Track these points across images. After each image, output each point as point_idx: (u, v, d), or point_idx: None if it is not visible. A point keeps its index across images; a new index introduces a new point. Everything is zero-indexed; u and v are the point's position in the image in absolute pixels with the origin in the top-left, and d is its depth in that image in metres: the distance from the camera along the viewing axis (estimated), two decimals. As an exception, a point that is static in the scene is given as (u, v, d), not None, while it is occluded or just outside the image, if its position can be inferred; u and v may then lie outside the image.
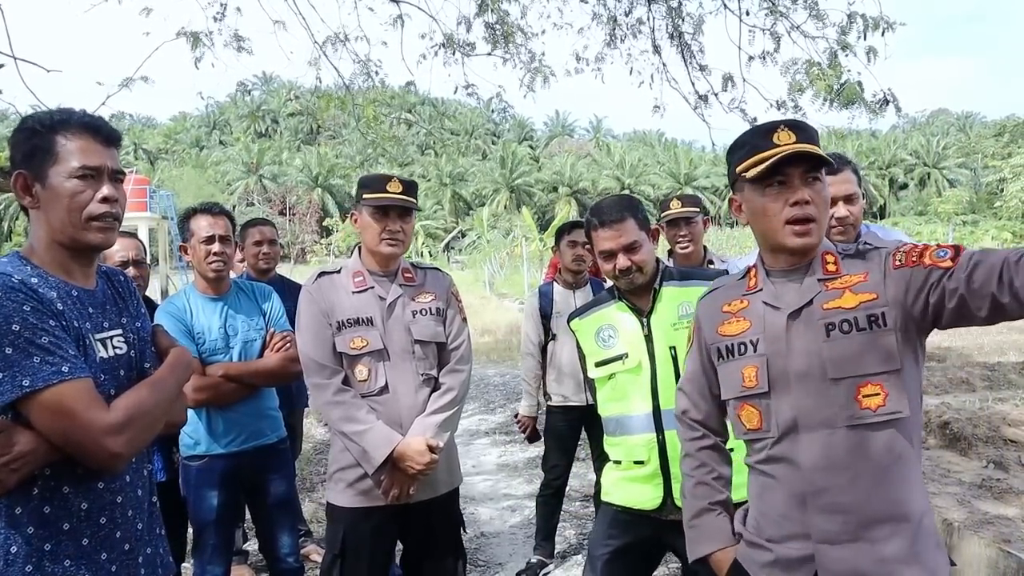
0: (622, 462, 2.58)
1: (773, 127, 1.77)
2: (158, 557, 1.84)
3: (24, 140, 1.68)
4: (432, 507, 2.79)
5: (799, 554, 1.72)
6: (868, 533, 1.66)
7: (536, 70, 8.16)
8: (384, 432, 2.64)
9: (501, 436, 7.52)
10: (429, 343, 2.80)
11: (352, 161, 69.70)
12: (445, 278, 2.99)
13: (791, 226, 1.72)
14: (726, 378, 1.88)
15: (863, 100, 6.86)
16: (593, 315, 2.69)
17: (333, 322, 2.72)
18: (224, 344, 3.17)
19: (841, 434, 1.67)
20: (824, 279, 1.75)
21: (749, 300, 1.86)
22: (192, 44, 7.06)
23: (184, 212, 3.39)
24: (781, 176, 1.72)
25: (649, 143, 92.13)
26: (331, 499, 2.78)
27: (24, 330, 1.51)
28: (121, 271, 1.97)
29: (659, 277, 2.61)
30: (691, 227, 3.86)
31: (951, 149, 70.72)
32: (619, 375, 2.56)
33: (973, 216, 45.93)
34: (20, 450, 1.50)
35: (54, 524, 1.59)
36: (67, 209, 1.66)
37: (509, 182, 69.00)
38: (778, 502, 1.76)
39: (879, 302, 1.67)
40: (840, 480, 1.67)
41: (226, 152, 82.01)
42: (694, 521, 1.98)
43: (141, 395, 1.69)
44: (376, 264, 2.82)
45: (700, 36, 8.00)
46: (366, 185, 2.80)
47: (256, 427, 3.19)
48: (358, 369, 2.71)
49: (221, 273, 3.23)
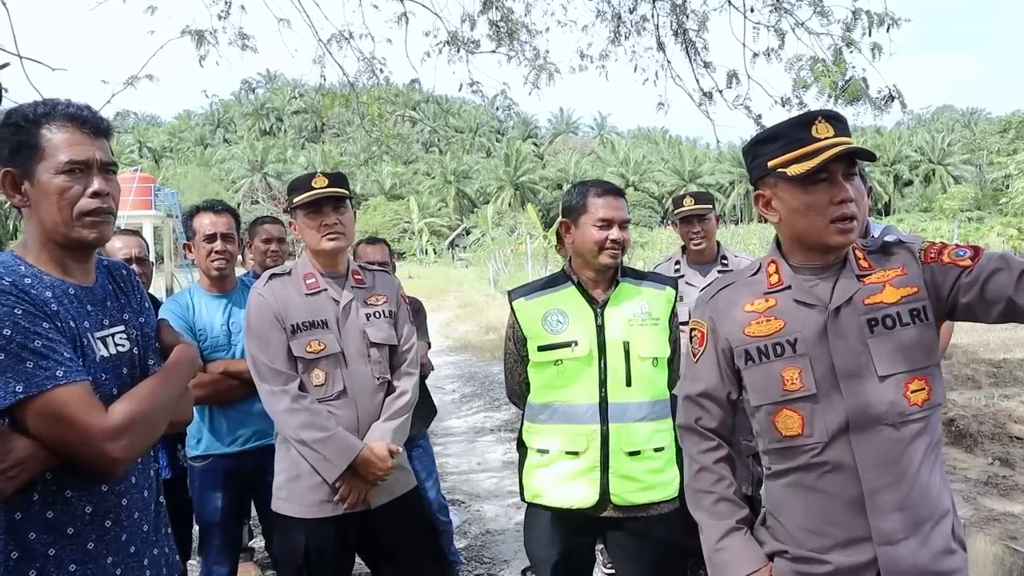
0: (549, 452, 2.53)
1: (810, 119, 1.68)
2: (164, 557, 1.81)
3: (10, 136, 1.60)
4: (397, 510, 2.72)
5: (861, 559, 1.66)
6: (920, 528, 1.65)
7: (541, 67, 8.15)
8: (346, 439, 2.58)
9: (506, 433, 7.50)
10: (383, 346, 2.75)
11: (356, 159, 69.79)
12: (394, 280, 2.96)
13: (836, 224, 1.66)
14: (760, 383, 1.76)
15: (868, 97, 6.84)
16: (541, 298, 2.62)
17: (287, 325, 2.63)
18: (227, 341, 3.16)
19: (888, 431, 1.65)
20: (860, 274, 1.72)
21: (777, 298, 1.76)
22: (197, 42, 7.06)
23: (188, 210, 3.38)
24: (825, 172, 1.65)
25: (653, 140, 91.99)
26: (282, 509, 2.65)
27: (16, 334, 1.46)
28: (124, 264, 1.90)
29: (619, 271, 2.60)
30: (704, 224, 3.88)
31: (956, 145, 70.51)
32: (567, 362, 2.50)
33: (978, 212, 45.78)
34: (17, 456, 1.46)
35: (58, 529, 1.55)
36: (57, 206, 1.59)
37: (513, 179, 68.99)
38: (827, 511, 1.69)
39: (920, 295, 1.66)
40: (891, 478, 1.64)
41: (230, 150, 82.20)
42: (722, 543, 1.83)
43: (142, 396, 1.63)
44: (323, 265, 2.74)
45: (704, 33, 7.97)
46: (294, 189, 2.74)
47: (260, 427, 3.17)
48: (315, 374, 2.62)
49: (224, 271, 3.22)
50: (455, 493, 5.69)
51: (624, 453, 2.45)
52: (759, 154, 1.76)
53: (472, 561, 4.48)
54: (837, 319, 1.69)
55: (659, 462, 2.50)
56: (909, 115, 9.29)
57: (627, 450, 2.46)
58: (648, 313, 2.55)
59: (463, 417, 8.50)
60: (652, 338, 2.54)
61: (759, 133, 1.80)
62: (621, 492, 2.45)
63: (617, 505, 2.46)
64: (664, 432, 2.53)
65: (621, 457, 2.45)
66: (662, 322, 2.58)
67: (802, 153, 1.66)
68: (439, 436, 7.18)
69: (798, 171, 1.65)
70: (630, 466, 2.46)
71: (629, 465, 2.46)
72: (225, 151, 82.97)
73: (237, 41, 7.37)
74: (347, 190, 2.75)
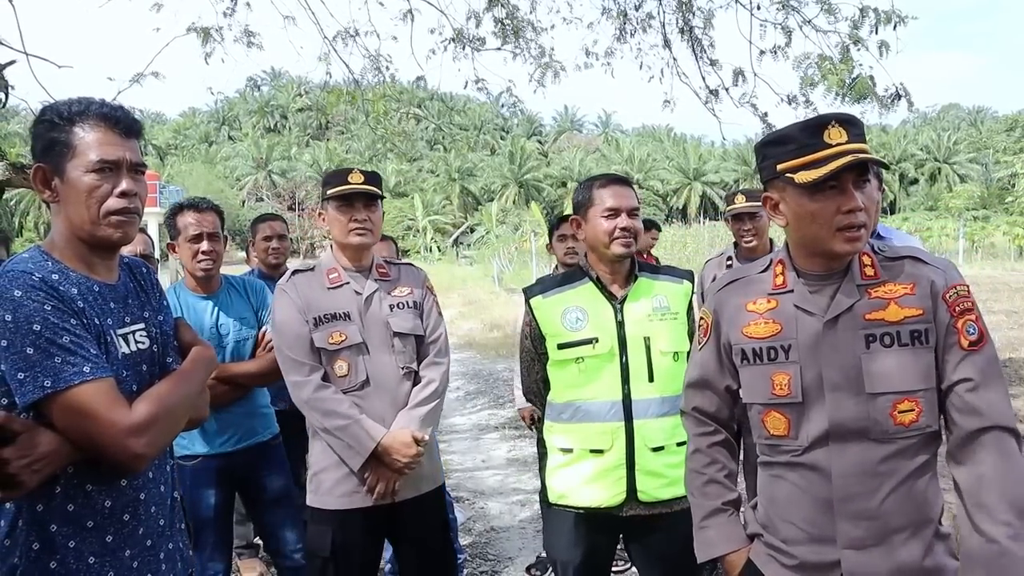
0: (573, 451, 2.52)
1: (823, 123, 1.63)
2: (179, 552, 1.84)
3: (43, 132, 1.64)
4: (420, 506, 2.75)
5: (826, 559, 1.69)
6: (890, 537, 1.65)
7: (546, 65, 8.15)
8: (369, 425, 2.61)
9: (511, 431, 7.52)
10: (408, 336, 2.77)
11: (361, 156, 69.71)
12: (419, 272, 2.97)
13: (843, 232, 1.62)
14: (752, 383, 1.80)
15: (875, 94, 6.83)
16: (559, 295, 2.60)
17: (310, 318, 2.67)
18: (216, 344, 3.06)
19: (871, 445, 1.64)
20: (864, 285, 1.68)
21: (778, 300, 1.76)
22: (202, 39, 7.09)
23: (170, 209, 3.27)
24: (834, 180, 1.60)
25: (658, 138, 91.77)
26: (314, 502, 2.71)
27: (45, 330, 1.49)
28: (144, 263, 1.93)
29: (636, 265, 2.60)
30: (755, 221, 3.93)
31: (962, 144, 70.28)
32: (588, 360, 2.49)
33: (984, 211, 45.61)
34: (42, 451, 1.48)
35: (78, 522, 1.58)
36: (85, 204, 1.62)
37: (518, 177, 68.92)
38: (801, 506, 1.73)
39: (924, 318, 1.63)
40: (865, 488, 1.65)
41: (235, 148, 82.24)
42: (706, 522, 1.92)
43: (163, 394, 1.66)
44: (349, 259, 2.78)
45: (711, 30, 7.97)
46: (328, 181, 2.78)
47: (249, 426, 3.17)
48: (337, 364, 2.66)
49: (210, 272, 3.16)
50: (459, 490, 5.70)
51: (648, 449, 2.45)
52: (768, 156, 1.73)
53: (476, 558, 4.49)
54: (834, 329, 1.67)
55: (682, 456, 2.48)
56: (915, 113, 9.28)
57: (651, 446, 2.45)
58: (667, 307, 2.55)
59: (467, 414, 8.51)
60: (672, 332, 2.53)
61: (770, 133, 1.77)
62: (648, 488, 2.44)
63: (644, 502, 2.45)
64: None
65: (646, 453, 2.44)
66: (681, 316, 2.57)
67: (811, 160, 1.62)
68: (443, 433, 7.18)
69: (806, 179, 1.61)
70: (655, 462, 2.45)
71: (654, 461, 2.45)
72: (230, 149, 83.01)
73: (242, 38, 7.39)
74: (380, 189, 2.79)
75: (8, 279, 1.52)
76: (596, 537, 2.54)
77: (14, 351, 1.48)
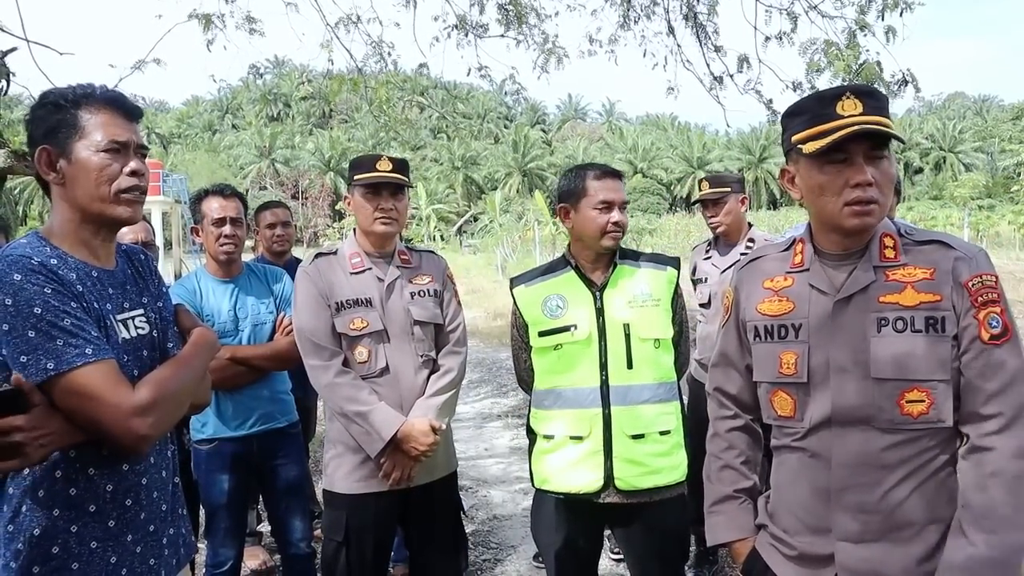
0: (554, 437, 2.52)
1: (838, 93, 1.58)
2: (180, 537, 1.84)
3: (47, 115, 1.65)
4: (432, 491, 2.78)
5: (823, 552, 1.66)
6: (890, 534, 1.59)
7: (549, 52, 8.10)
8: (389, 413, 2.63)
9: (513, 419, 7.52)
10: (428, 324, 2.80)
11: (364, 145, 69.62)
12: (440, 261, 2.98)
13: (851, 207, 1.57)
14: (761, 360, 1.77)
15: (882, 81, 6.76)
16: (541, 283, 2.63)
17: (332, 303, 2.69)
18: (234, 327, 3.15)
19: (875, 435, 1.58)
20: (882, 266, 1.62)
21: (794, 279, 1.73)
22: (204, 26, 7.04)
23: (195, 194, 3.37)
24: (843, 153, 1.56)
25: (662, 127, 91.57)
26: (329, 486, 2.75)
27: (46, 313, 1.50)
28: (142, 249, 1.94)
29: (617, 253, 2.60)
30: (718, 207, 3.91)
31: (967, 133, 69.99)
32: (566, 346, 2.51)
33: (989, 200, 45.49)
34: (53, 426, 1.49)
35: (80, 506, 1.59)
36: (95, 183, 1.64)
37: (521, 166, 68.81)
38: (800, 493, 1.70)
39: (942, 304, 1.56)
40: (867, 480, 1.59)
41: (238, 136, 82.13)
42: (716, 507, 1.91)
43: (167, 376, 1.67)
44: (372, 245, 2.80)
45: (715, 17, 7.90)
46: (357, 166, 2.80)
47: (266, 410, 3.18)
48: (358, 351, 2.68)
49: (232, 255, 3.21)
50: (462, 479, 5.69)
51: (627, 436, 2.44)
52: (786, 127, 1.70)
53: (479, 546, 4.50)
54: (845, 309, 1.63)
55: (665, 445, 2.48)
56: (920, 102, 9.21)
57: (630, 433, 2.44)
58: (649, 294, 2.54)
59: (470, 403, 8.52)
60: (653, 319, 2.52)
61: (792, 104, 1.71)
62: (625, 476, 2.43)
63: (621, 490, 2.44)
64: (670, 415, 2.51)
65: (624, 440, 2.44)
66: (664, 303, 2.56)
67: (820, 130, 1.57)
68: (447, 422, 7.16)
69: (811, 149, 1.57)
70: (634, 449, 2.44)
71: (633, 449, 2.44)
72: (233, 137, 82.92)
73: (244, 25, 7.36)
74: (408, 176, 2.80)
75: (7, 263, 1.52)
76: (577, 522, 2.56)
77: (16, 335, 1.48)
